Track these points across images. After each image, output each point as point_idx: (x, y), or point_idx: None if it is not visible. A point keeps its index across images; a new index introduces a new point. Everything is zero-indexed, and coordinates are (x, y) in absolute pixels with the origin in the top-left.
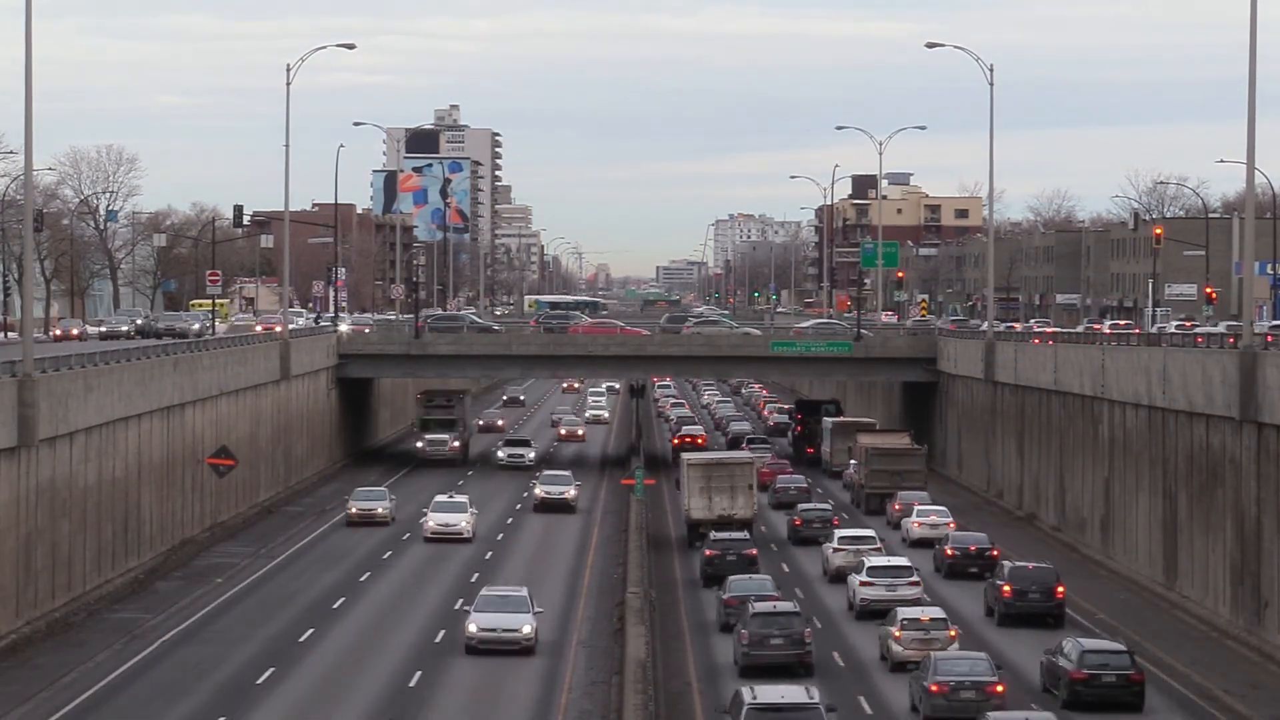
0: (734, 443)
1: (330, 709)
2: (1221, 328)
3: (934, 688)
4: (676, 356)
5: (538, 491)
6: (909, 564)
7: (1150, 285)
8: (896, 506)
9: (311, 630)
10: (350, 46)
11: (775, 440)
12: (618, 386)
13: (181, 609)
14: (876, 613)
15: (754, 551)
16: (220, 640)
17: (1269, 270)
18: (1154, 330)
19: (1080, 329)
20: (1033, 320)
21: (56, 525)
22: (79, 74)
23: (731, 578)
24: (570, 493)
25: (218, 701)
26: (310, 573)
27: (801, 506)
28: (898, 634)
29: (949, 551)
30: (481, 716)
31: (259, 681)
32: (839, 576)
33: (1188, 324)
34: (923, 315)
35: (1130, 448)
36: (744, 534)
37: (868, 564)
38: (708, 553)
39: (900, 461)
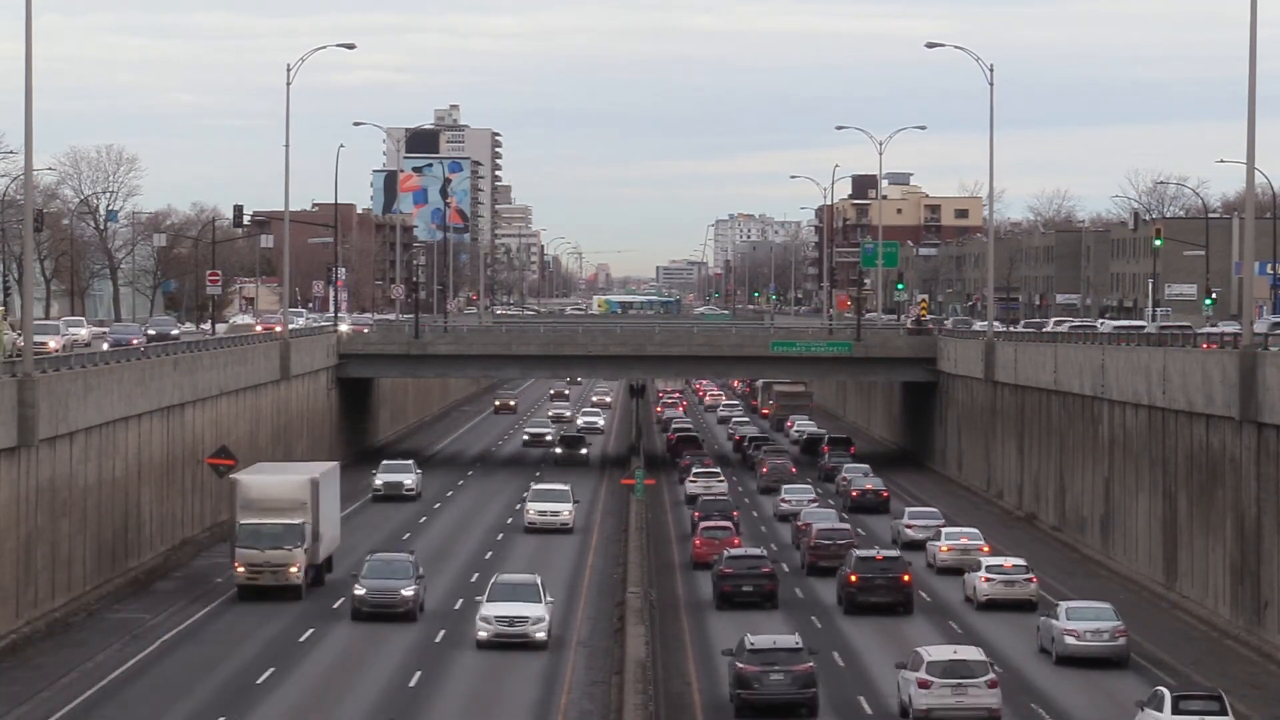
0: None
1: (330, 709)
2: (1222, 327)
3: (764, 469)
4: (676, 356)
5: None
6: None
7: (1150, 285)
8: (790, 424)
9: (311, 630)
10: (350, 46)
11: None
12: (608, 403)
13: (181, 609)
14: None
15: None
16: (220, 640)
17: (1269, 270)
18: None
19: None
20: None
21: (56, 525)
22: (100, 72)
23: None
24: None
25: (218, 701)
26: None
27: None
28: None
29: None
30: (481, 716)
31: (259, 681)
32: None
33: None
34: (923, 315)
35: (1130, 448)
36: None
37: (733, 418)
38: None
39: (795, 399)
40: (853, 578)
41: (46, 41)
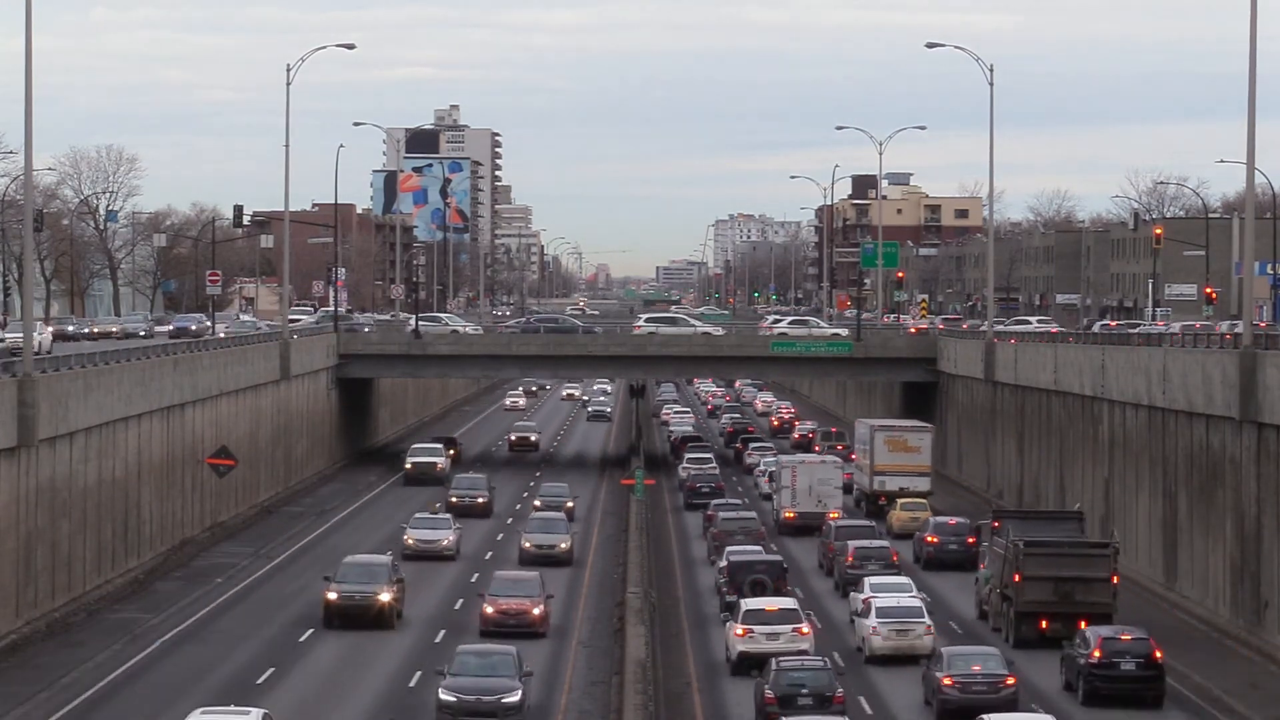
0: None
1: (330, 709)
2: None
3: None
4: (677, 357)
5: None
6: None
7: (1150, 285)
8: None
9: (311, 630)
10: (350, 47)
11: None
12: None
13: (181, 609)
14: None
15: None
16: (220, 640)
17: (1269, 270)
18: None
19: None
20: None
21: (56, 525)
22: (146, 67)
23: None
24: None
25: (218, 701)
26: (310, 573)
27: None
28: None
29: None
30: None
31: (259, 681)
32: None
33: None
34: (923, 315)
35: (1130, 448)
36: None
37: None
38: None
39: None
40: None
41: (92, 35)
